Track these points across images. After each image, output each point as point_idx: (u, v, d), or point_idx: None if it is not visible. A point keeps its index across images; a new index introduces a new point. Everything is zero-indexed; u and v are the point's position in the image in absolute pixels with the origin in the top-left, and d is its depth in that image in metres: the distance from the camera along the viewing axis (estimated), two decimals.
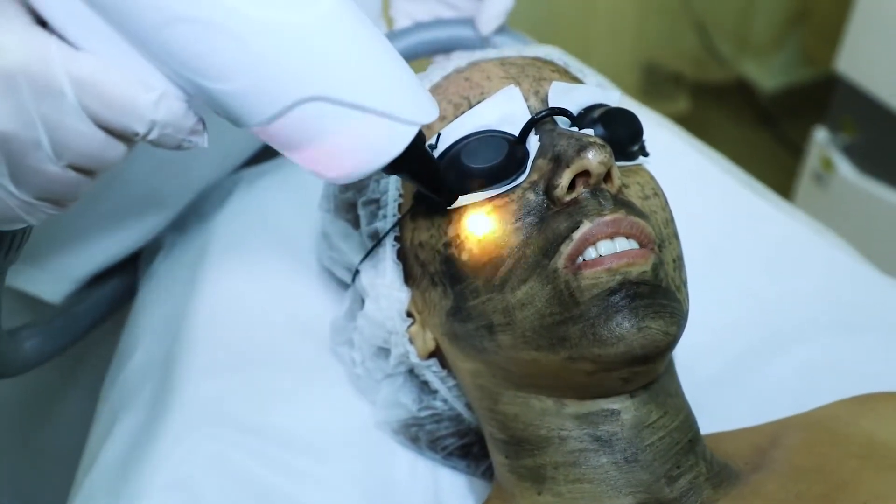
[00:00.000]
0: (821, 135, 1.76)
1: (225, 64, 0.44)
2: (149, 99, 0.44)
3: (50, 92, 0.43)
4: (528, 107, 0.66)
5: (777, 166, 2.04)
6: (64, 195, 0.47)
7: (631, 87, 2.24)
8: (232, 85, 0.44)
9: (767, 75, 2.41)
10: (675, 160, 1.05)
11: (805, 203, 1.81)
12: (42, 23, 0.44)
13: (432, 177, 0.56)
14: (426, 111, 0.50)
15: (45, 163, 0.44)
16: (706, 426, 0.69)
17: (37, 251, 0.92)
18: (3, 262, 0.56)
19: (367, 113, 0.47)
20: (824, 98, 1.79)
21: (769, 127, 2.38)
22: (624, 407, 0.62)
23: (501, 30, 0.95)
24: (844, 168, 1.70)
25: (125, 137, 0.46)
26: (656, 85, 1.15)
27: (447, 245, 0.64)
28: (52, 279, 0.91)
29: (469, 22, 0.95)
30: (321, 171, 0.50)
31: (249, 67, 0.44)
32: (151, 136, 0.46)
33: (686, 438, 0.64)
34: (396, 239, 0.71)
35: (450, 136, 0.64)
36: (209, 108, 0.48)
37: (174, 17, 0.42)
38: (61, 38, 0.44)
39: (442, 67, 0.73)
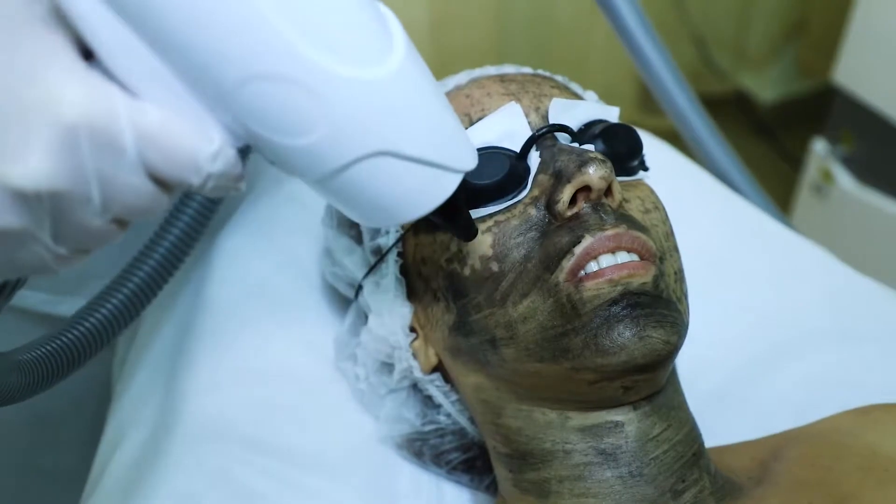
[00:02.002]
0: (819, 146, 1.76)
1: (300, 120, 0.43)
2: (209, 151, 0.42)
3: (112, 147, 0.39)
4: (529, 123, 0.66)
5: (776, 178, 2.04)
6: (98, 246, 0.44)
7: (629, 100, 2.24)
8: (304, 140, 0.43)
9: (765, 87, 2.42)
10: (676, 174, 1.05)
11: (805, 215, 1.81)
12: (87, 53, 0.41)
13: (462, 216, 0.56)
14: (470, 158, 0.51)
15: (90, 218, 0.41)
16: (708, 439, 0.69)
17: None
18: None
19: (425, 165, 0.47)
20: (822, 109, 1.79)
21: (768, 139, 2.38)
22: (628, 419, 0.62)
23: None
24: (844, 179, 1.71)
25: (172, 188, 0.43)
26: (654, 98, 1.16)
27: (449, 260, 0.64)
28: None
29: None
30: (367, 219, 0.50)
31: (325, 124, 0.43)
32: (205, 188, 0.43)
33: (690, 452, 0.64)
34: (399, 254, 0.71)
35: None
36: (265, 157, 0.47)
37: (257, 75, 0.41)
38: (118, 81, 0.41)
39: (442, 85, 0.74)
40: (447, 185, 0.50)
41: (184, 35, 0.39)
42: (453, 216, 0.55)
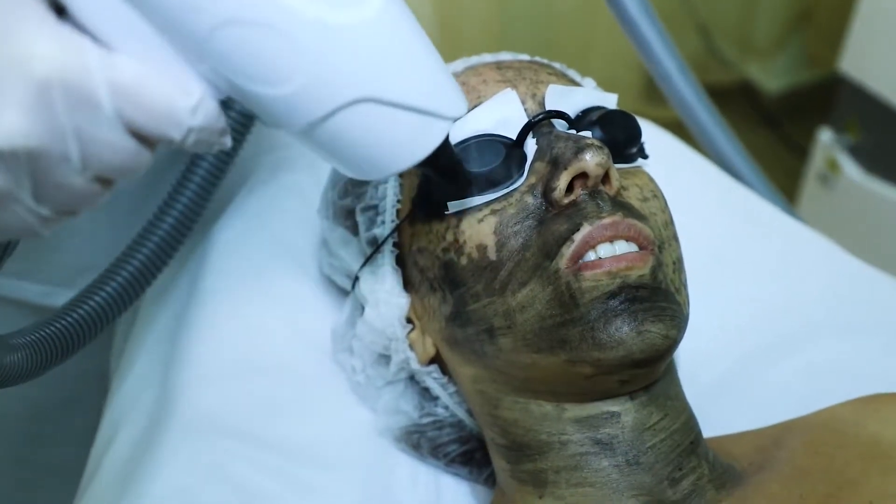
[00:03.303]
0: (825, 136, 1.75)
1: (277, 67, 0.42)
2: (188, 104, 0.41)
3: (87, 103, 0.39)
4: (525, 110, 0.65)
5: (782, 168, 2.03)
6: (82, 206, 0.44)
7: (633, 90, 2.24)
8: (283, 89, 0.43)
9: (771, 77, 2.40)
10: (680, 164, 1.05)
11: (811, 205, 1.81)
12: (59, 8, 0.40)
13: (455, 167, 0.55)
14: (459, 104, 0.50)
15: (70, 176, 0.41)
16: (710, 430, 0.69)
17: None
18: None
19: (411, 111, 0.47)
20: (828, 99, 1.78)
21: (773, 129, 2.37)
22: (624, 409, 0.62)
23: None
24: (850, 169, 1.70)
25: (153, 144, 0.43)
26: (657, 88, 1.15)
27: (446, 250, 0.64)
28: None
29: None
30: (358, 171, 0.49)
31: (302, 71, 0.42)
32: (186, 142, 0.43)
33: (688, 440, 0.63)
34: (395, 245, 0.71)
35: None
36: (248, 109, 0.46)
37: (228, 20, 0.40)
38: (91, 35, 0.40)
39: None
40: (436, 133, 0.49)
41: None
42: (445, 166, 0.54)
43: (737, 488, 0.63)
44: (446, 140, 0.50)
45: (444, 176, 0.56)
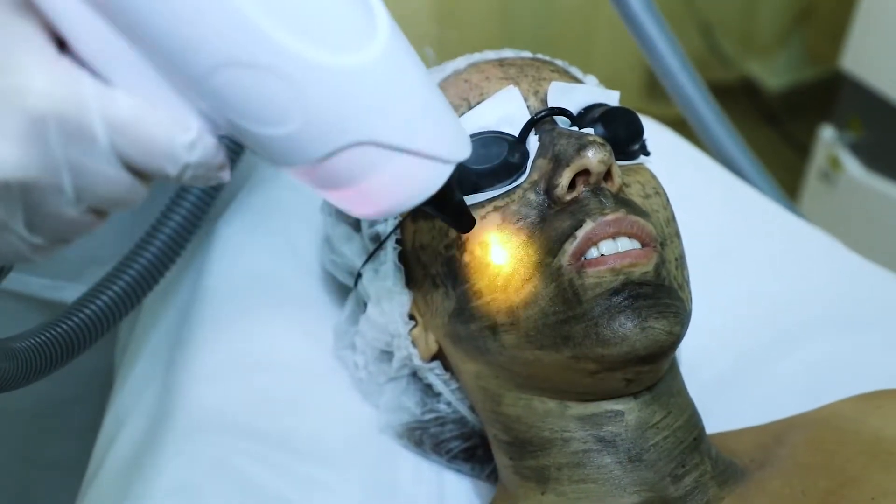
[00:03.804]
0: (827, 133, 1.75)
1: (276, 109, 0.41)
2: (185, 140, 0.41)
3: (82, 136, 0.39)
4: (528, 107, 0.65)
5: (784, 166, 2.03)
6: (76, 236, 0.44)
7: (634, 87, 2.23)
8: (281, 130, 0.42)
9: (772, 74, 2.40)
10: (682, 161, 1.05)
11: (813, 202, 1.81)
12: (60, 42, 0.40)
13: (457, 208, 0.55)
14: (462, 148, 0.49)
15: (64, 208, 0.40)
16: (712, 427, 0.69)
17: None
18: None
19: (412, 155, 0.46)
20: (830, 96, 1.78)
21: (775, 126, 2.37)
22: (628, 408, 0.62)
23: None
24: (852, 166, 1.70)
25: (149, 178, 0.43)
26: (660, 85, 1.15)
27: (448, 247, 0.64)
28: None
29: None
30: (356, 210, 0.49)
31: (301, 112, 0.42)
32: (183, 178, 0.42)
33: (690, 437, 0.64)
34: (398, 241, 0.71)
35: None
36: (247, 147, 0.46)
37: (227, 61, 0.39)
38: (90, 69, 0.40)
39: (441, 70, 0.73)
40: (437, 177, 0.48)
41: (152, 21, 0.38)
42: (448, 207, 0.54)
43: (739, 485, 0.64)
44: (449, 181, 0.49)
45: (447, 215, 0.56)
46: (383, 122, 0.44)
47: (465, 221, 0.55)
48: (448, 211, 0.54)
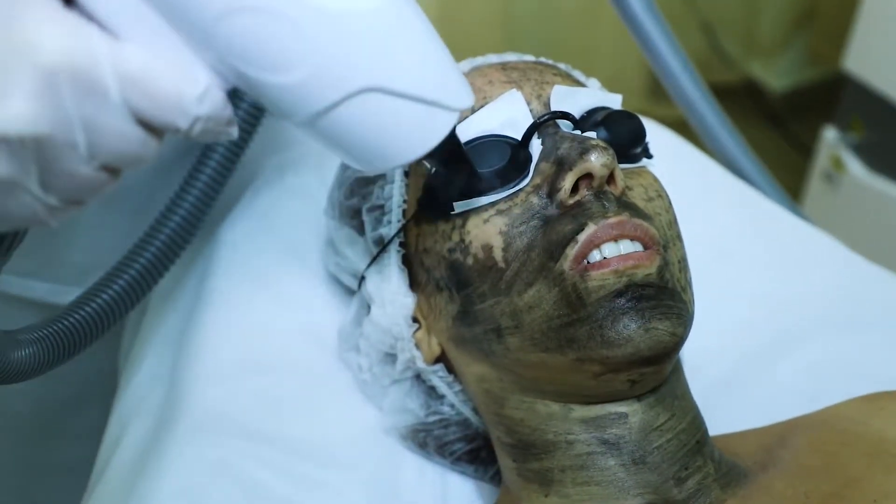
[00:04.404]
0: (830, 134, 1.75)
1: (283, 55, 0.42)
2: (195, 92, 0.41)
3: (94, 91, 0.39)
4: (531, 110, 0.66)
5: (787, 166, 2.03)
6: (89, 196, 0.43)
7: (637, 89, 2.24)
8: (288, 77, 0.43)
9: (775, 75, 2.40)
10: (682, 162, 1.05)
11: (816, 203, 1.81)
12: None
13: (461, 160, 0.55)
14: (465, 96, 0.50)
15: (77, 165, 0.41)
16: (715, 428, 0.69)
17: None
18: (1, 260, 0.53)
19: (418, 102, 0.46)
20: (833, 97, 1.78)
21: (778, 127, 2.37)
22: (632, 410, 0.62)
23: None
24: (854, 167, 1.70)
25: (160, 133, 0.43)
26: (663, 87, 1.15)
27: (452, 250, 0.64)
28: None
29: None
30: (363, 162, 0.49)
31: (308, 58, 0.42)
32: (193, 132, 0.43)
33: (694, 440, 0.64)
34: (401, 244, 0.71)
35: None
36: (254, 99, 0.46)
37: (235, 7, 0.40)
38: (98, 23, 0.40)
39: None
40: (443, 124, 0.49)
41: None
42: (452, 160, 0.54)
43: (742, 487, 0.64)
44: (453, 132, 0.50)
45: (451, 169, 0.56)
46: (389, 68, 0.45)
47: (471, 175, 0.55)
48: (454, 165, 0.54)
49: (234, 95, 0.46)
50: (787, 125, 2.36)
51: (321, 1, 0.41)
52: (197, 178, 0.80)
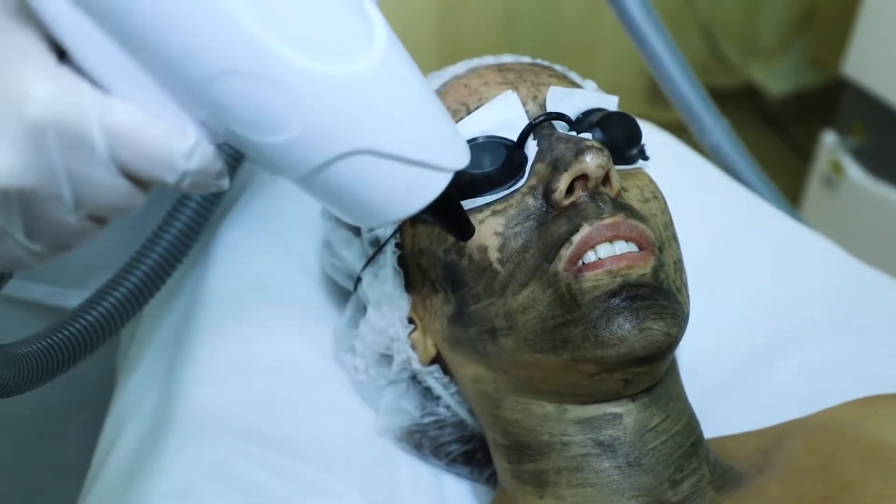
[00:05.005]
0: (829, 138, 1.75)
1: (274, 117, 0.42)
2: (183, 148, 0.41)
3: (80, 144, 0.39)
4: (527, 112, 0.66)
5: (786, 170, 2.03)
6: (75, 243, 0.44)
7: (637, 93, 2.24)
8: (279, 138, 0.43)
9: (775, 80, 2.40)
10: (677, 163, 1.05)
11: (815, 207, 1.81)
12: (60, 52, 0.40)
13: (456, 216, 0.55)
14: (460, 157, 0.49)
15: (63, 215, 0.41)
16: (711, 430, 0.69)
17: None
18: None
19: (410, 164, 0.46)
20: (832, 101, 1.79)
21: (777, 131, 2.37)
22: (626, 410, 0.62)
23: None
24: (854, 171, 1.70)
25: (148, 186, 0.43)
26: (662, 91, 1.16)
27: (447, 251, 0.64)
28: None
29: None
30: (355, 218, 0.49)
31: (299, 121, 0.42)
32: (182, 185, 0.42)
33: (689, 442, 0.64)
34: (397, 246, 0.71)
35: None
36: (245, 154, 0.46)
37: (224, 70, 0.40)
38: (89, 78, 0.40)
39: (440, 75, 0.73)
40: (435, 185, 0.48)
41: (150, 30, 0.39)
42: (446, 215, 0.54)
43: (737, 490, 0.64)
44: (448, 189, 0.49)
45: (445, 223, 0.56)
46: (380, 131, 0.44)
47: (464, 229, 0.55)
48: (447, 219, 0.54)
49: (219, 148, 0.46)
50: (787, 129, 2.36)
51: (311, 65, 0.41)
52: None
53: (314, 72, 0.41)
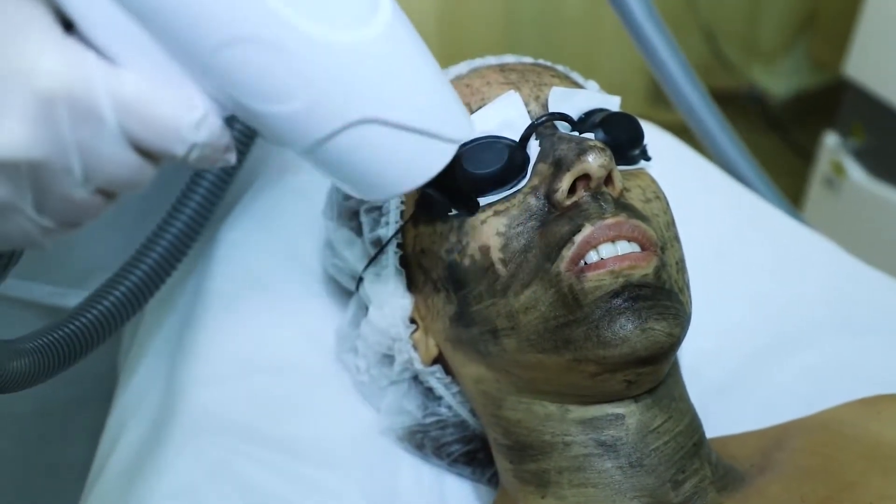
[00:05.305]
0: (831, 140, 1.75)
1: (281, 85, 0.42)
2: (191, 120, 0.41)
3: (90, 117, 0.39)
4: (529, 112, 0.66)
5: (788, 172, 2.03)
6: (85, 218, 0.44)
7: (639, 94, 2.24)
8: (286, 107, 0.43)
9: (776, 81, 2.40)
10: (679, 164, 1.05)
11: (817, 208, 1.81)
12: (67, 23, 0.40)
13: (460, 189, 0.55)
14: (465, 127, 0.50)
15: (72, 189, 0.41)
16: (713, 431, 0.69)
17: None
18: None
19: (415, 133, 0.46)
20: (834, 103, 1.79)
21: (779, 133, 2.37)
22: (629, 411, 0.62)
23: None
24: (855, 172, 1.70)
25: (157, 159, 0.43)
26: (664, 92, 1.16)
27: (449, 251, 0.64)
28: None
29: None
30: (361, 191, 0.49)
31: (306, 89, 0.42)
32: (190, 158, 0.43)
33: (691, 442, 0.64)
34: (399, 246, 0.71)
35: None
36: (253, 128, 0.46)
37: (234, 38, 0.40)
38: (97, 49, 0.41)
39: (443, 74, 0.73)
40: (441, 156, 0.48)
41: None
42: (450, 189, 0.54)
43: (738, 490, 0.64)
44: (453, 161, 0.50)
45: (450, 197, 0.56)
46: (387, 100, 0.45)
47: (469, 203, 0.55)
48: (452, 193, 0.54)
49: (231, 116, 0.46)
50: (788, 130, 2.36)
51: (319, 32, 0.41)
52: (199, 184, 0.80)
53: (321, 38, 0.42)
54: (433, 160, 0.48)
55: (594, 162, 0.59)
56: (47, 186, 0.40)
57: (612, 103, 0.69)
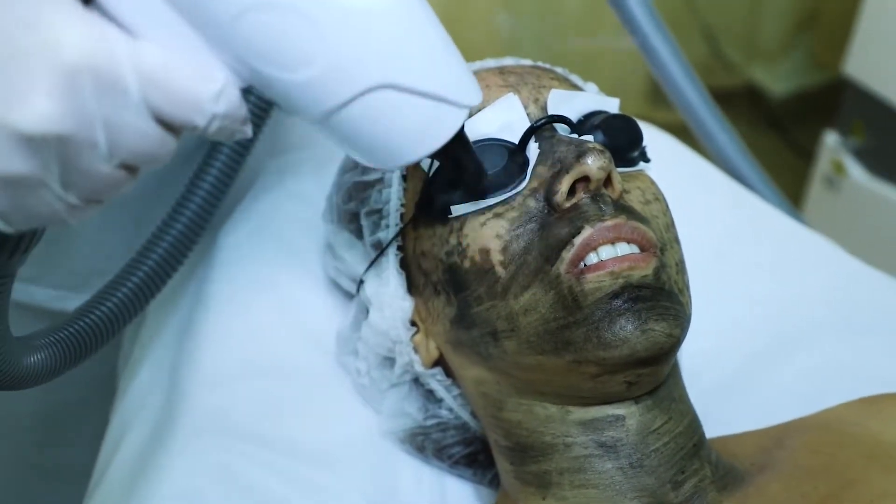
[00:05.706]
0: (831, 139, 1.75)
1: (298, 52, 0.43)
2: (212, 91, 0.42)
3: (115, 90, 0.40)
4: (528, 114, 0.66)
5: (788, 171, 2.03)
6: (108, 194, 0.44)
7: (638, 93, 2.24)
8: (302, 74, 0.44)
9: (776, 80, 2.40)
10: (679, 164, 1.05)
11: (817, 208, 1.81)
12: None
13: (470, 158, 0.56)
14: (474, 93, 0.50)
15: (97, 163, 0.41)
16: (713, 431, 0.69)
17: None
18: (15, 262, 0.52)
19: (428, 99, 0.47)
20: (834, 102, 1.78)
21: (779, 132, 2.37)
22: (629, 412, 0.62)
23: None
24: (856, 171, 1.70)
25: (178, 131, 0.44)
26: (664, 92, 1.16)
27: (449, 253, 0.64)
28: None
29: None
30: (374, 160, 0.50)
31: (322, 55, 0.43)
32: (210, 129, 0.43)
33: (691, 443, 0.64)
34: (399, 248, 0.71)
35: None
36: (268, 97, 0.47)
37: (252, 5, 0.41)
38: (117, 22, 0.41)
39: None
40: (453, 121, 0.49)
41: None
42: (460, 157, 0.54)
43: (738, 489, 0.64)
44: (462, 130, 0.50)
45: (458, 167, 0.56)
46: (401, 65, 0.45)
47: (480, 173, 0.55)
48: (462, 162, 0.55)
49: (244, 94, 0.47)
50: (789, 130, 2.36)
51: None
52: (199, 186, 0.80)
53: (339, 4, 0.43)
54: (446, 126, 0.49)
55: (593, 164, 0.59)
56: (73, 161, 0.41)
57: (612, 105, 0.69)
